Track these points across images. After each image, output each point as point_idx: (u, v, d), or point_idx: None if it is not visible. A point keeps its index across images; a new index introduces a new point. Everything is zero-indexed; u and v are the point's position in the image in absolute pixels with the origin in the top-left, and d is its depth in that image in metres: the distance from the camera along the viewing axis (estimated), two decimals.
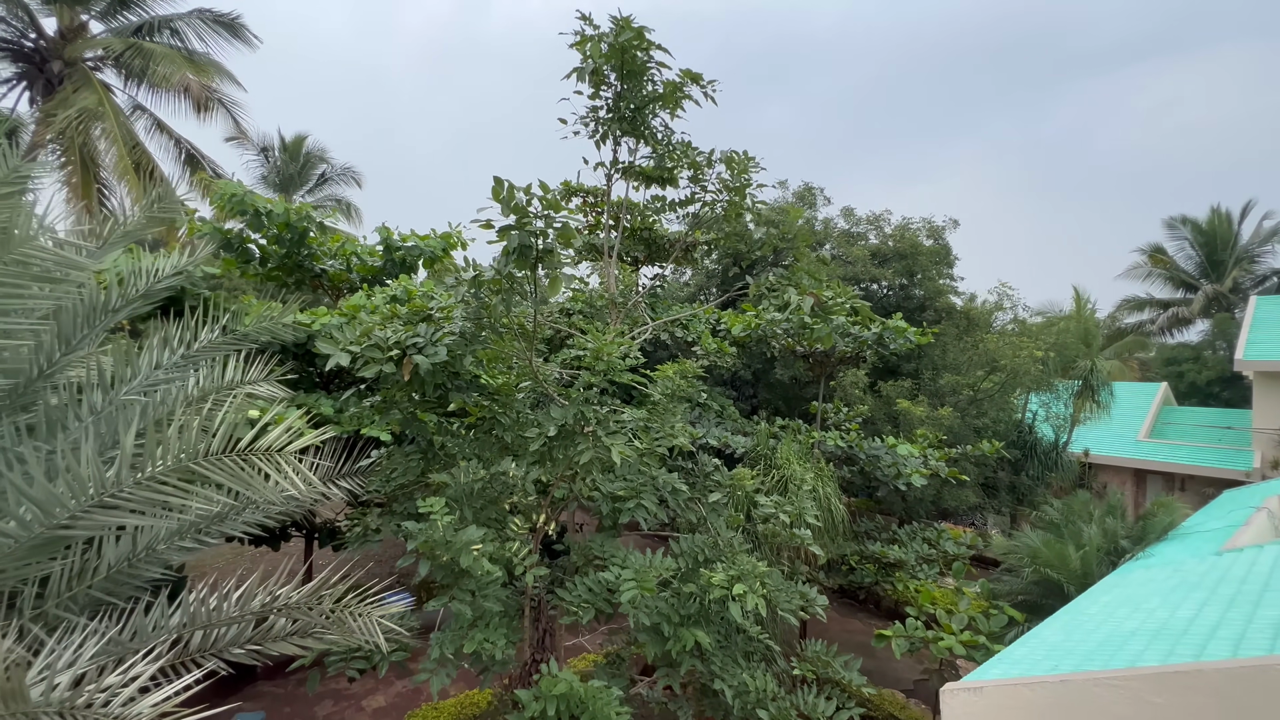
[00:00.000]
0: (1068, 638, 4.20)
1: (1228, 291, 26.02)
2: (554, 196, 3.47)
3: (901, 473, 8.32)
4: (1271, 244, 26.27)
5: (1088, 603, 5.17)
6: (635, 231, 10.28)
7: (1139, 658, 3.31)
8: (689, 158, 5.89)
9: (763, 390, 16.01)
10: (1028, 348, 12.78)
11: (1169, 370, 27.10)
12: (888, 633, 6.85)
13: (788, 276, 5.38)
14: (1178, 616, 3.93)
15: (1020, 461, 14.08)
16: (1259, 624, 3.34)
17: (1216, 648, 3.12)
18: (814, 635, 8.48)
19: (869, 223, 18.23)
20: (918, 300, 16.75)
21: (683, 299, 18.17)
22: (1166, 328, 28.41)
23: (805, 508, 5.54)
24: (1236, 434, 18.65)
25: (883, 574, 8.99)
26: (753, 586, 4.29)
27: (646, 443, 5.44)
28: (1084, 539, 7.65)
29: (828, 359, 9.81)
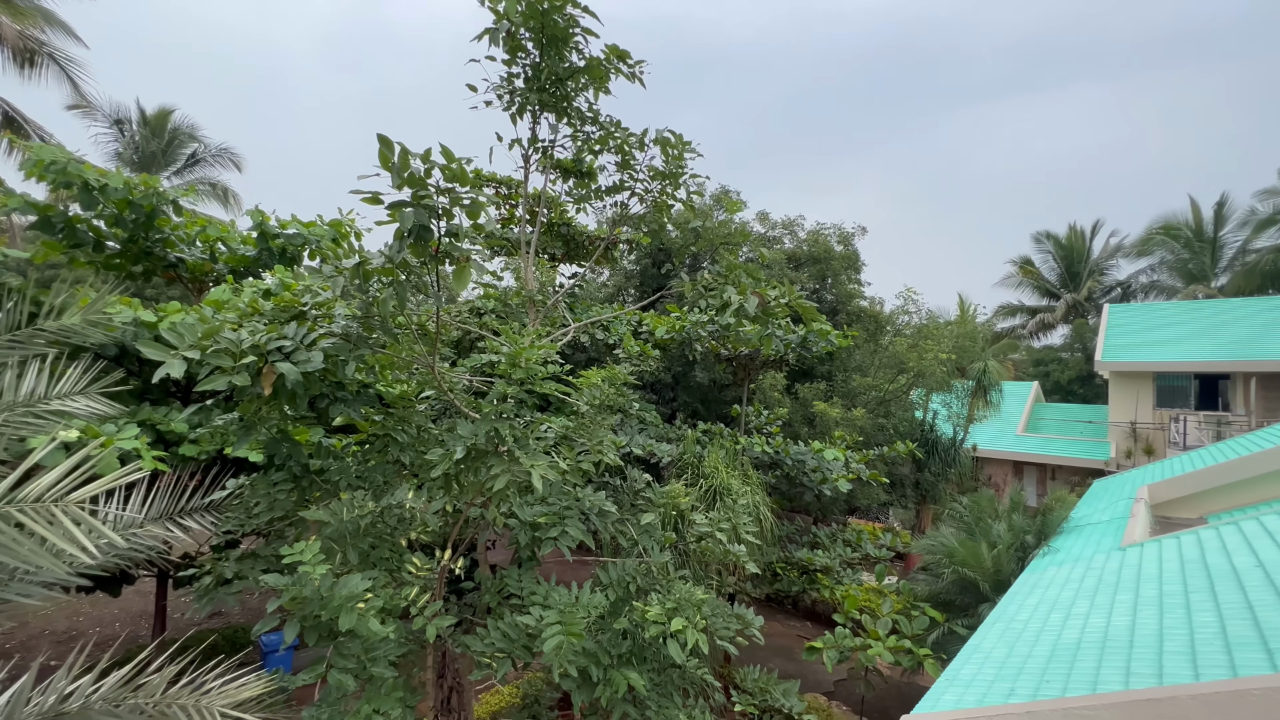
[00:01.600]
0: (1011, 651, 4.08)
1: (1084, 300, 29.25)
2: (461, 167, 2.81)
3: (827, 477, 8.25)
4: (1116, 259, 29.87)
5: (1015, 607, 5.17)
6: (553, 226, 9.61)
7: (1098, 679, 3.15)
8: (618, 139, 5.33)
9: (682, 393, 15.79)
10: (933, 350, 13.39)
11: (1038, 370, 30.06)
12: (818, 644, 6.68)
13: (724, 275, 4.97)
14: (1115, 624, 3.89)
15: (923, 459, 14.79)
16: (1202, 632, 3.30)
17: (1174, 664, 3.01)
18: (739, 646, 8.22)
19: (784, 227, 18.57)
20: (830, 304, 17.24)
21: (601, 300, 17.64)
22: (1035, 331, 31.50)
23: (741, 523, 5.18)
24: (1095, 427, 20.84)
25: (807, 580, 8.91)
26: (692, 620, 3.82)
27: (570, 458, 4.84)
28: (994, 536, 7.91)
29: (751, 362, 9.64)
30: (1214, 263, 25.65)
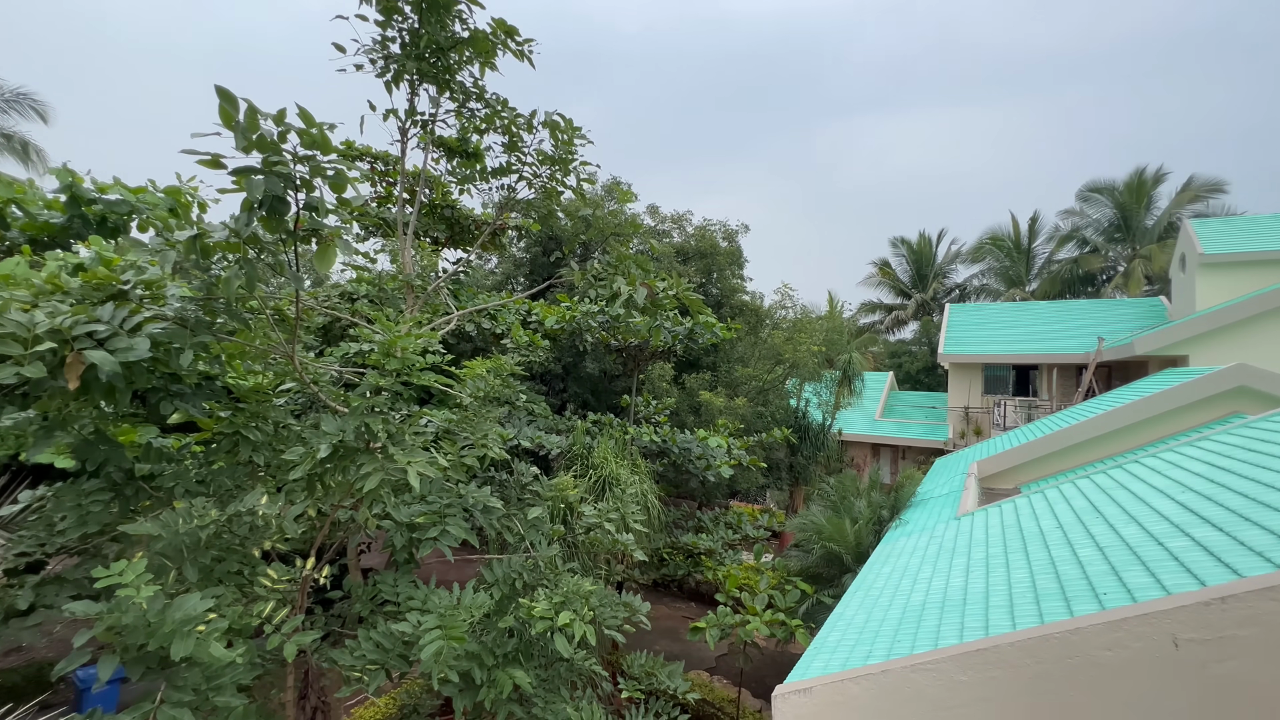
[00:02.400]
0: (869, 617, 4.51)
1: (930, 299, 33.03)
2: (323, 133, 2.50)
3: (711, 464, 8.60)
4: (956, 264, 34.02)
5: (873, 576, 5.72)
6: (436, 208, 9.06)
7: (939, 634, 3.57)
8: (505, 118, 5.09)
9: (572, 384, 15.69)
10: (806, 343, 14.40)
11: (893, 362, 33.51)
12: (701, 625, 6.97)
13: (614, 265, 4.95)
14: (953, 585, 4.43)
15: (797, 444, 15.94)
16: (1018, 587, 3.84)
17: (997, 617, 3.48)
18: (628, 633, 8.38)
19: (673, 222, 19.01)
20: (715, 298, 17.95)
21: (489, 287, 17.03)
22: (891, 327, 35.10)
23: (630, 512, 5.24)
24: (937, 412, 23.67)
25: (692, 563, 9.26)
26: (580, 612, 3.80)
27: (453, 453, 4.60)
28: (856, 513, 8.71)
29: (640, 353, 9.79)
30: (1028, 270, 30.07)
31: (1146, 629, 2.70)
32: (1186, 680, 2.61)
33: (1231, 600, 2.56)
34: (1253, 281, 14.03)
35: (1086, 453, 9.28)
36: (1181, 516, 3.90)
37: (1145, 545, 3.67)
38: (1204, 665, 2.58)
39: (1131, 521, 4.20)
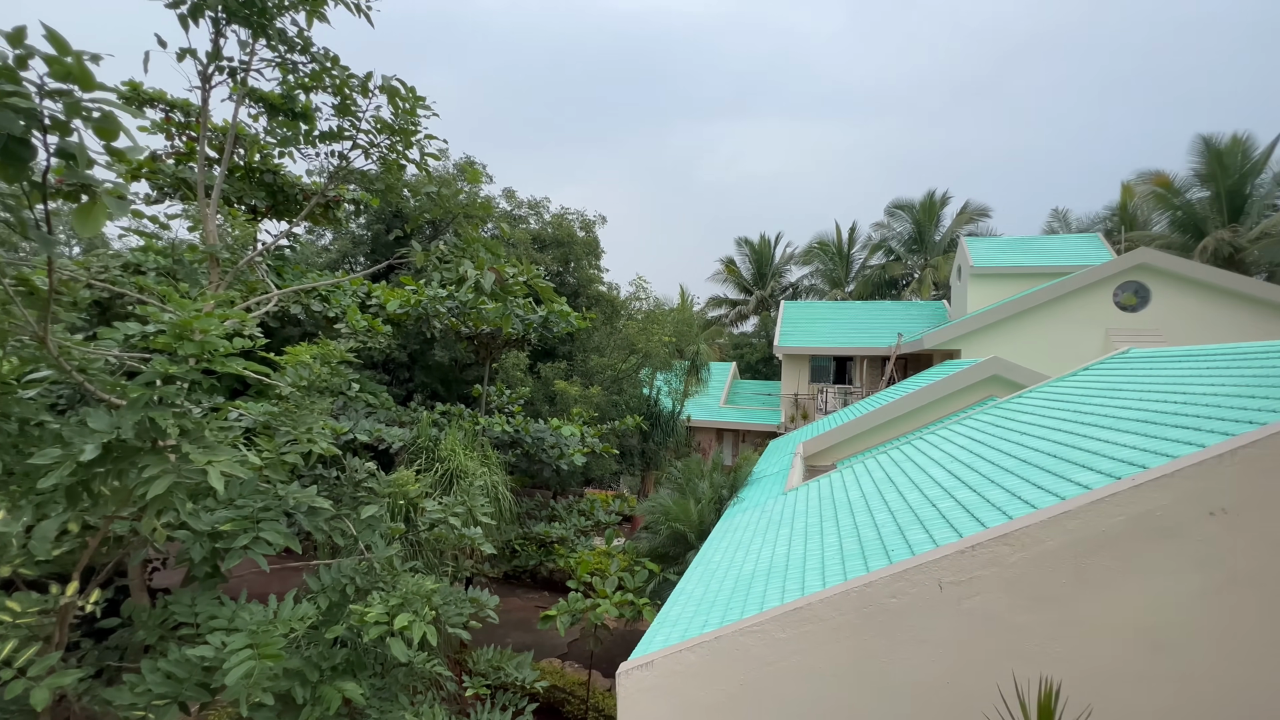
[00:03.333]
0: (707, 589, 4.85)
1: (768, 296, 36.15)
2: (82, 65, 2.02)
3: (564, 453, 8.62)
4: (790, 265, 37.60)
5: (712, 551, 6.16)
6: (254, 172, 7.90)
7: (764, 599, 3.95)
8: (335, 77, 4.55)
9: (419, 373, 14.75)
10: (658, 334, 14.97)
11: (736, 353, 36.19)
12: (552, 613, 6.99)
13: (461, 247, 4.70)
14: (778, 553, 4.93)
15: (648, 431, 16.58)
16: (828, 551, 4.38)
17: (811, 579, 3.94)
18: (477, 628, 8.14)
19: (530, 208, 18.61)
20: (572, 287, 17.93)
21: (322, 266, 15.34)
22: (735, 320, 37.86)
23: (477, 505, 5.07)
24: (772, 399, 26.08)
25: (545, 552, 9.24)
26: (421, 612, 3.61)
27: (271, 450, 4.09)
28: (699, 493, 9.29)
29: (493, 341, 9.48)
30: (847, 273, 34.19)
31: (921, 576, 3.23)
32: (947, 614, 3.17)
33: (978, 547, 3.15)
34: (1009, 290, 17.32)
35: (888, 431, 10.83)
36: (949, 482, 4.72)
37: (923, 507, 4.38)
38: (959, 601, 3.16)
39: (915, 488, 4.99)
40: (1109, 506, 2.97)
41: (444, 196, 4.98)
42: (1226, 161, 20.41)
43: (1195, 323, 14.03)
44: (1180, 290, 14.36)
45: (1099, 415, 4.56)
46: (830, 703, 3.31)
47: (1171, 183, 22.12)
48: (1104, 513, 2.97)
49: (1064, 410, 5.19)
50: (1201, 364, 4.83)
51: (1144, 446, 3.48)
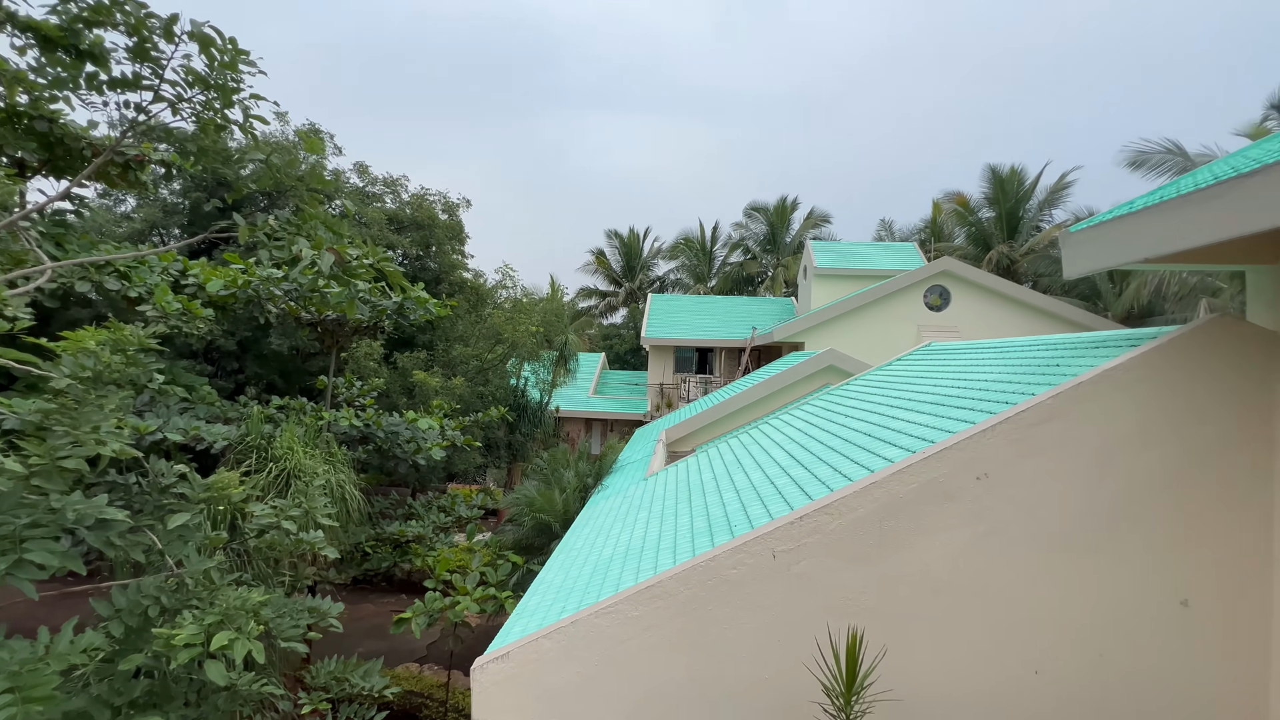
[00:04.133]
0: (567, 576, 4.92)
1: (637, 288, 37.06)
2: None
3: (421, 447, 8.19)
4: (658, 259, 38.84)
5: (574, 538, 6.25)
6: (19, 116, 6.43)
7: (620, 580, 4.10)
8: (129, 13, 3.82)
9: (253, 363, 13.12)
10: (525, 324, 14.72)
11: (606, 343, 36.67)
12: (407, 615, 6.65)
13: (296, 223, 4.23)
14: (635, 536, 5.13)
15: (515, 422, 16.28)
16: (681, 530, 4.65)
17: (665, 558, 4.16)
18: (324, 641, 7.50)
19: (386, 185, 17.29)
20: (433, 272, 17.00)
21: (122, 237, 13.01)
22: (605, 311, 38.34)
23: (316, 506, 4.65)
24: (639, 388, 26.86)
25: (399, 553, 8.73)
26: (245, 628, 3.25)
27: (41, 455, 3.42)
28: (565, 483, 9.34)
29: (340, 328, 8.70)
30: (709, 269, 36.13)
31: (758, 547, 3.56)
32: (780, 579, 3.53)
33: (805, 518, 3.54)
34: (845, 289, 19.40)
35: (743, 417, 11.68)
36: (787, 461, 5.23)
37: (764, 485, 4.82)
38: (789, 567, 3.53)
39: (758, 468, 5.46)
40: (906, 476, 3.49)
41: (275, 166, 4.42)
42: (1006, 188, 24.61)
43: (984, 321, 16.81)
44: (973, 294, 17.11)
45: (905, 399, 5.31)
46: (678, 670, 3.54)
47: (968, 202, 26.19)
48: (902, 481, 3.49)
49: (879, 395, 5.98)
50: (982, 355, 5.81)
51: (934, 425, 4.12)
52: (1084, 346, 4.26)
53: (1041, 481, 3.37)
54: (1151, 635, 3.30)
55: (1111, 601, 3.31)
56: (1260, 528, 3.27)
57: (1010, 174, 24.69)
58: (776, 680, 3.46)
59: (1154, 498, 3.28)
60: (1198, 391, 3.26)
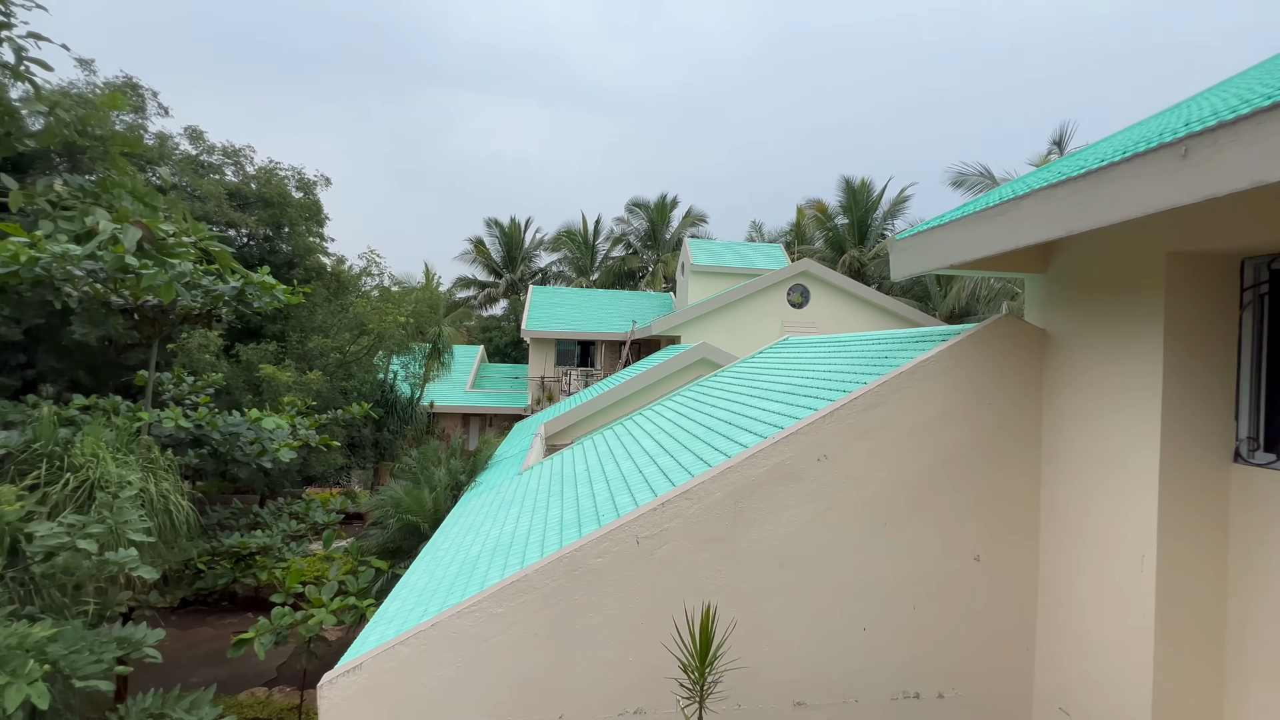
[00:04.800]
0: (432, 577, 4.71)
1: (518, 279, 36.19)
2: None
3: (267, 448, 7.40)
4: (540, 250, 38.19)
5: (442, 538, 6.00)
6: None
7: (486, 578, 4.01)
8: None
9: (47, 357, 11.03)
10: (393, 314, 13.80)
11: (485, 336, 35.48)
12: (248, 635, 5.99)
13: (92, 191, 3.57)
14: (504, 531, 5.03)
15: (383, 419, 15.24)
16: (550, 523, 4.65)
17: (533, 552, 4.13)
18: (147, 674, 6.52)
19: (226, 155, 15.31)
20: (285, 255, 15.38)
21: None
22: (484, 303, 37.03)
23: (127, 521, 4.02)
24: (520, 382, 26.32)
25: (242, 567, 7.83)
26: (21, 671, 2.74)
27: None
28: (435, 481, 8.92)
29: (164, 315, 7.57)
30: (592, 263, 36.22)
31: (622, 535, 3.65)
32: (643, 564, 3.65)
33: (667, 504, 3.69)
34: (719, 286, 20.38)
35: (621, 409, 11.87)
36: (656, 450, 5.42)
37: (634, 475, 4.95)
38: (652, 552, 3.66)
39: (629, 458, 5.60)
40: (758, 460, 3.76)
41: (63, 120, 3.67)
42: (858, 198, 27.27)
43: (837, 318, 18.52)
44: (829, 293, 18.77)
45: (762, 389, 5.72)
46: (542, 663, 3.54)
47: (827, 209, 28.67)
48: (754, 465, 3.76)
49: (741, 386, 6.38)
50: (829, 349, 6.41)
51: (785, 412, 4.48)
52: (908, 341, 4.86)
53: (869, 460, 3.80)
54: (953, 587, 3.86)
55: (923, 561, 3.82)
56: (1030, 492, 3.94)
57: (861, 185, 27.41)
58: (640, 660, 3.59)
59: (953, 470, 3.83)
60: (985, 379, 3.85)
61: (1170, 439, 3.12)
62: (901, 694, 3.82)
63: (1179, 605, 3.13)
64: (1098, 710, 3.44)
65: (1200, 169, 2.24)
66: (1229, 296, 3.19)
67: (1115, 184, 2.58)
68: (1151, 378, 3.17)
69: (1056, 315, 3.91)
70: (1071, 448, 3.69)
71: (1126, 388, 3.32)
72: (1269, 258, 3.07)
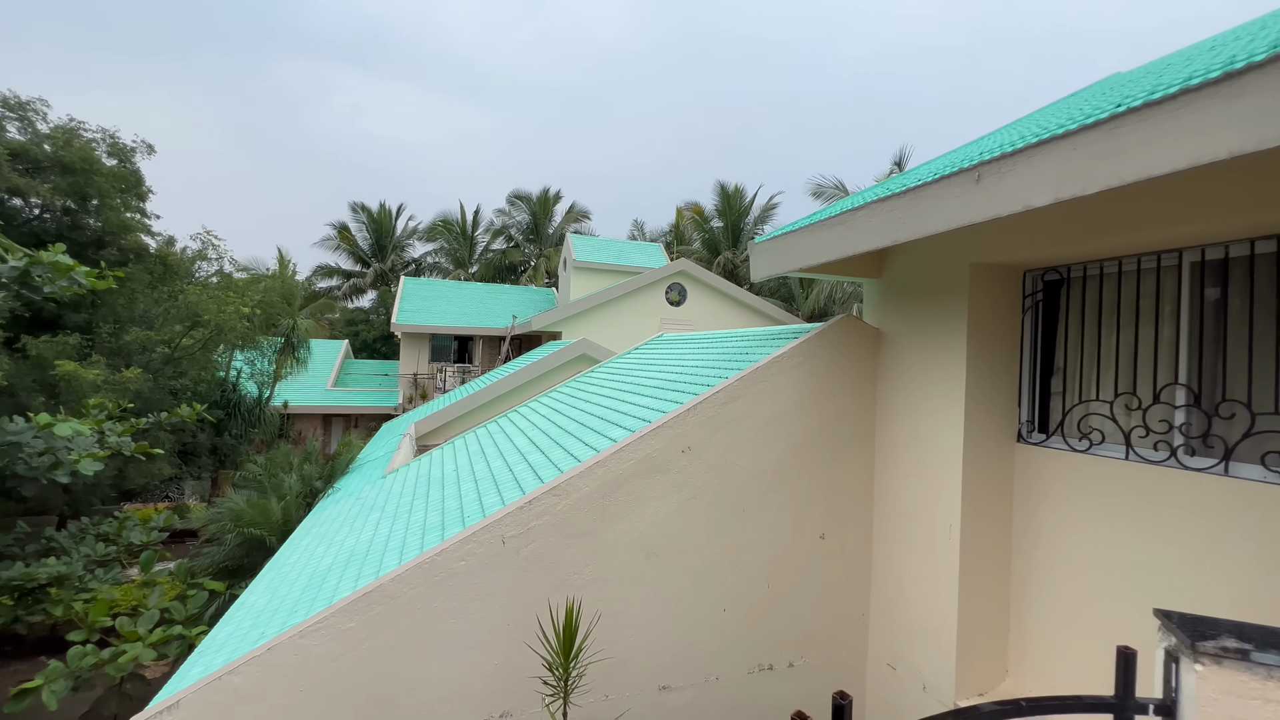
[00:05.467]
0: (274, 595, 4.26)
1: (389, 270, 33.80)
2: None
3: (63, 461, 6.23)
4: (413, 239, 35.93)
5: (289, 552, 5.44)
6: None
7: (337, 591, 3.69)
8: None
9: None
10: (234, 303, 12.27)
11: (350, 329, 32.78)
12: (34, 683, 5.01)
13: None
14: (361, 540, 4.68)
15: (224, 421, 13.52)
16: (413, 528, 4.39)
17: (390, 559, 3.87)
18: None
19: (9, 108, 12.70)
20: (94, 232, 13.10)
21: None
22: (349, 294, 34.10)
23: None
24: (390, 379, 24.63)
25: (29, 603, 6.54)
26: None
27: None
28: (285, 489, 8.09)
29: None
30: (471, 255, 34.77)
31: (487, 535, 3.54)
32: (509, 564, 3.57)
33: (535, 501, 3.64)
34: (601, 282, 20.49)
35: (499, 405, 11.53)
36: (527, 447, 5.32)
37: (504, 474, 4.82)
38: (519, 551, 3.59)
39: (500, 457, 5.45)
40: (626, 453, 3.82)
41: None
42: (732, 203, 28.77)
43: (712, 316, 19.41)
44: (705, 292, 19.61)
45: (635, 383, 5.83)
46: (401, 676, 3.34)
47: (704, 212, 29.92)
48: (622, 459, 3.82)
49: (615, 381, 6.47)
50: (699, 345, 6.69)
51: (654, 406, 4.60)
52: (766, 338, 5.20)
53: (729, 450, 4.02)
54: (801, 565, 4.20)
55: (776, 543, 4.12)
56: (867, 475, 4.40)
57: (735, 191, 28.95)
58: (506, 664, 3.50)
59: (802, 458, 4.16)
60: (829, 374, 4.24)
61: (971, 423, 3.64)
62: (757, 667, 4.10)
63: (976, 563, 3.66)
64: (918, 662, 3.93)
65: (989, 193, 2.62)
66: (1015, 303, 3.78)
67: (927, 201, 2.94)
68: (957, 371, 3.67)
69: (888, 316, 4.39)
70: (899, 434, 4.16)
71: (939, 380, 3.81)
72: (1042, 270, 3.68)
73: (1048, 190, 2.32)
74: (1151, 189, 2.58)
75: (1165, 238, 2.90)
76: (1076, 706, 1.43)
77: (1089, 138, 2.16)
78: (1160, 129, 1.93)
